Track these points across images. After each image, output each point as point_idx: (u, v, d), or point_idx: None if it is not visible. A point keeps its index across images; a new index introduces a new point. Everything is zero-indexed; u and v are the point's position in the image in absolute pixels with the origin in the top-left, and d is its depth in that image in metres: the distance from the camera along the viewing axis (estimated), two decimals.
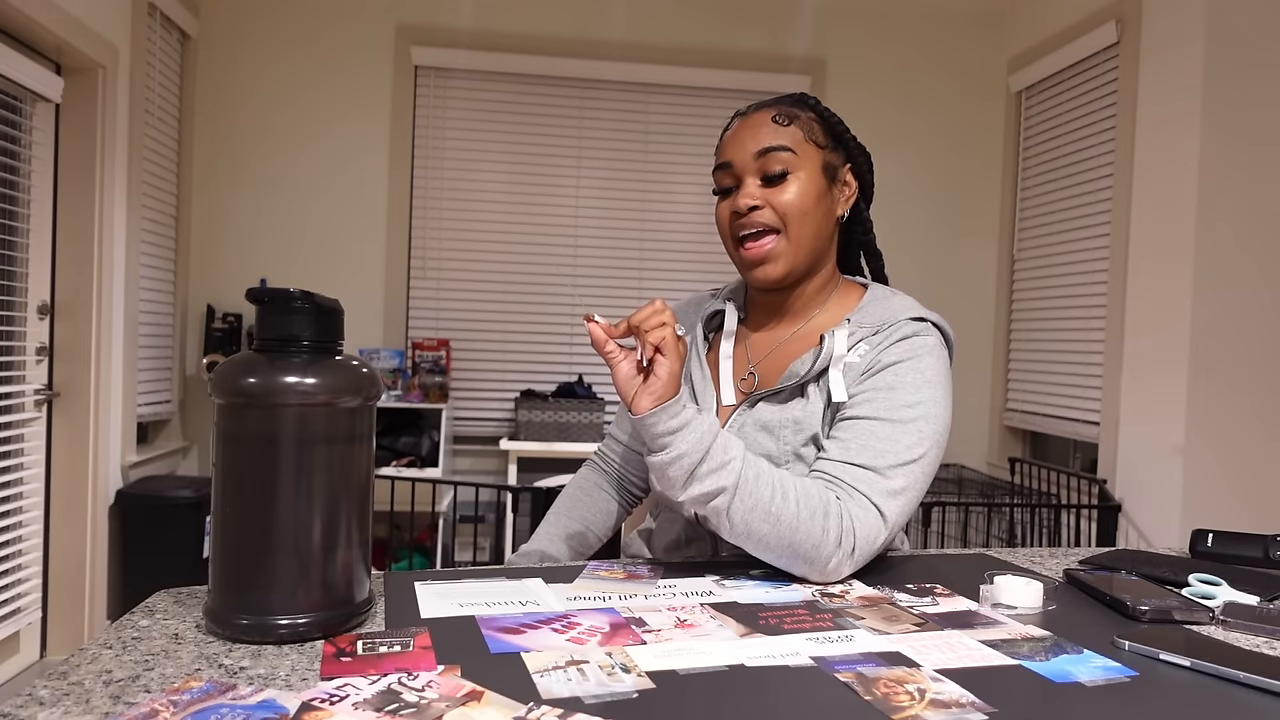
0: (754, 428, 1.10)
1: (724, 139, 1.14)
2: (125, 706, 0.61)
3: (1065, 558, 1.15)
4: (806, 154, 1.10)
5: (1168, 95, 2.92)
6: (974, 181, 4.01)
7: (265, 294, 0.77)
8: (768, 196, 1.09)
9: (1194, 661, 0.73)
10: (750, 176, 1.10)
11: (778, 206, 1.08)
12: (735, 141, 1.11)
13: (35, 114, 2.73)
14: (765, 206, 1.09)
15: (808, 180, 1.09)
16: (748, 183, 1.10)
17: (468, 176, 3.78)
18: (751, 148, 1.09)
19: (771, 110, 1.12)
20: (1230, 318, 2.78)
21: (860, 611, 0.87)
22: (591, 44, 3.78)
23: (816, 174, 1.10)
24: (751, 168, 1.10)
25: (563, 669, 0.70)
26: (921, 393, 1.03)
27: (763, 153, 1.08)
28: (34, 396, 2.73)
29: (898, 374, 1.04)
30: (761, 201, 1.09)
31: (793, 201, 1.08)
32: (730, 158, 1.11)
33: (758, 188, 1.09)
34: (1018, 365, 3.82)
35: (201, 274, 3.63)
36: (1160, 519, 2.88)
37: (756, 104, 1.15)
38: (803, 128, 1.11)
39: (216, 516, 0.76)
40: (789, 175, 1.09)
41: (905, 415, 1.02)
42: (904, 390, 1.03)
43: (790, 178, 1.09)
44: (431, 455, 3.43)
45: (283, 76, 3.65)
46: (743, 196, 1.09)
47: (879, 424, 1.02)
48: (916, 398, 1.03)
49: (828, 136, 1.13)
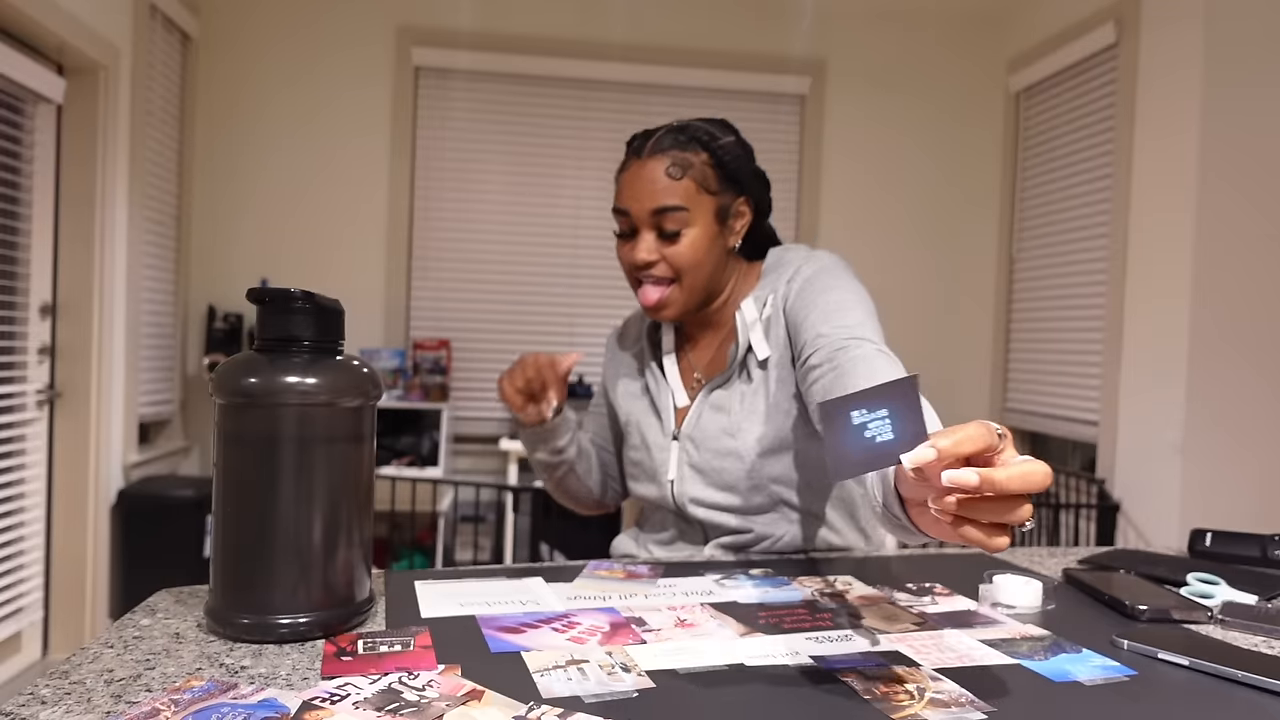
0: (710, 410, 1.18)
1: (620, 180, 1.16)
2: (127, 705, 0.61)
3: (1064, 557, 1.15)
4: (700, 206, 1.13)
5: (1166, 96, 2.92)
6: (973, 182, 4.01)
7: (266, 294, 0.77)
8: (663, 250, 1.13)
9: (1192, 661, 0.73)
10: (646, 229, 1.14)
11: (672, 260, 1.13)
12: (630, 191, 1.13)
13: (37, 114, 2.73)
14: (660, 260, 1.14)
15: (700, 234, 1.13)
16: (644, 236, 1.14)
17: (468, 177, 3.79)
18: (647, 204, 1.12)
19: (665, 160, 1.12)
20: (1229, 318, 2.78)
21: (860, 611, 0.87)
22: (591, 45, 3.78)
23: (709, 223, 1.14)
24: (647, 222, 1.13)
25: (563, 668, 0.70)
26: (840, 280, 1.11)
27: (657, 211, 1.12)
28: (35, 396, 2.73)
29: (811, 283, 1.12)
30: (657, 256, 1.13)
31: (685, 255, 1.13)
32: (626, 207, 1.14)
33: (654, 240, 1.14)
34: (1017, 364, 3.82)
35: (202, 274, 3.63)
36: (1159, 518, 2.88)
37: (654, 140, 1.13)
38: (696, 177, 1.12)
39: (217, 516, 0.77)
40: (682, 233, 1.12)
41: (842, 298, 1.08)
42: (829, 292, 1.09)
43: (684, 234, 1.13)
44: (432, 455, 3.44)
45: (283, 77, 3.66)
46: (639, 251, 1.14)
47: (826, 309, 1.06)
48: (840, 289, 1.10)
49: (721, 181, 1.14)
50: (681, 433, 1.19)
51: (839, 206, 3.93)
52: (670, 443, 1.20)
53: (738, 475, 1.14)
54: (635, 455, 1.25)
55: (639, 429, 1.25)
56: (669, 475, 1.20)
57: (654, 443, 1.22)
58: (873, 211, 3.96)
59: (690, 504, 1.17)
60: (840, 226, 3.93)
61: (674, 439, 1.20)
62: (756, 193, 1.18)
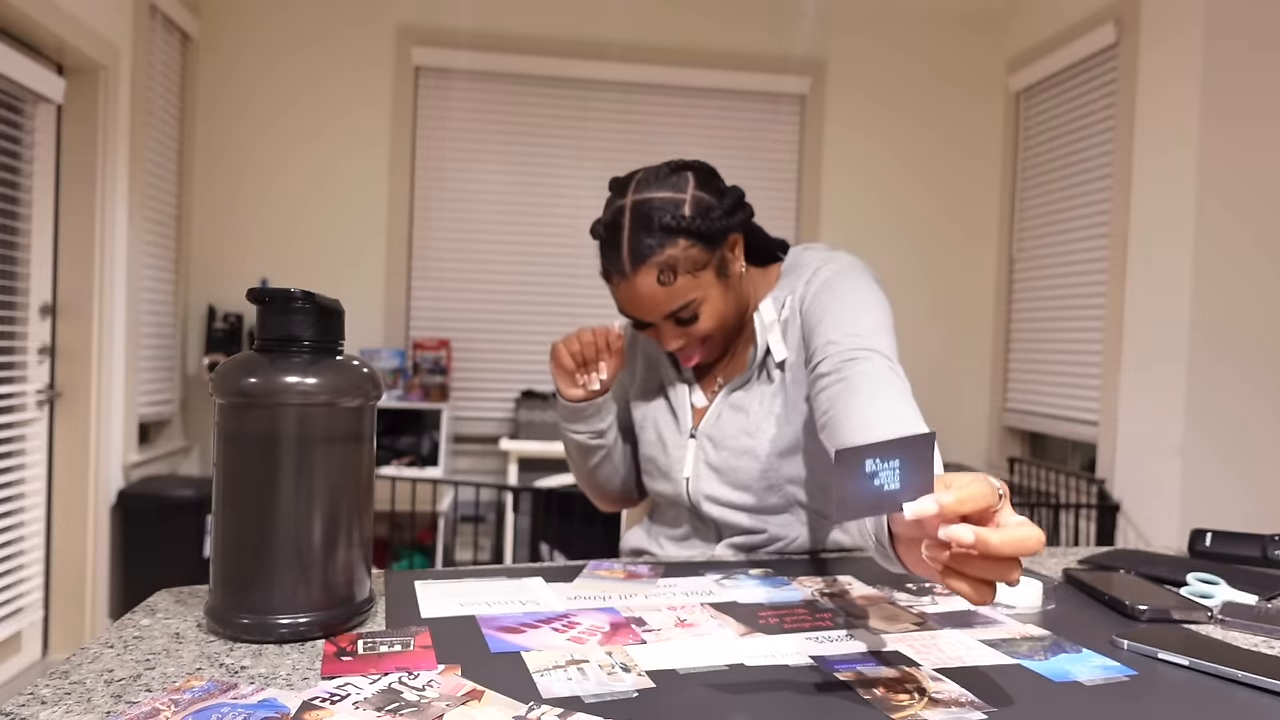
0: (729, 410, 1.18)
1: (616, 295, 1.12)
2: (127, 705, 0.61)
3: (1064, 557, 1.15)
4: (701, 283, 1.09)
5: (1166, 95, 2.92)
6: (973, 182, 4.01)
7: (266, 294, 0.77)
8: (686, 332, 1.12)
9: (1192, 661, 0.73)
10: (663, 323, 1.12)
11: (697, 334, 1.12)
12: (634, 307, 1.11)
13: (37, 115, 2.73)
14: (686, 338, 1.13)
15: (714, 300, 1.11)
16: (663, 328, 1.12)
17: (468, 176, 3.79)
18: (654, 315, 1.10)
19: (651, 271, 1.06)
20: (1229, 318, 2.78)
21: (860, 611, 0.87)
22: (591, 45, 3.78)
23: (715, 286, 1.10)
24: (661, 320, 1.11)
25: (563, 668, 0.70)
26: (857, 284, 1.09)
27: (667, 317, 1.10)
28: (36, 396, 2.73)
29: (828, 286, 1.10)
30: (683, 338, 1.13)
31: (709, 325, 1.11)
32: (635, 316, 1.12)
33: (674, 328, 1.12)
34: (1017, 365, 3.82)
35: (202, 274, 3.63)
36: (1159, 518, 2.88)
37: (630, 253, 1.06)
38: (685, 266, 1.07)
39: (217, 516, 0.77)
40: (698, 314, 1.10)
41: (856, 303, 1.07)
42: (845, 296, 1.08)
43: (700, 312, 1.10)
44: (432, 455, 3.44)
45: (283, 77, 3.66)
46: (667, 341, 1.13)
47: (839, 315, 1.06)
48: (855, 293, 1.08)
49: (706, 249, 1.08)
50: (699, 431, 1.20)
51: (839, 206, 3.93)
52: (687, 440, 1.21)
53: (753, 475, 1.14)
54: (650, 451, 1.25)
55: (655, 425, 1.25)
56: (685, 472, 1.20)
57: (670, 440, 1.23)
58: (873, 211, 3.96)
59: (705, 501, 1.18)
60: (840, 226, 3.93)
61: (691, 437, 1.21)
62: (737, 224, 1.11)
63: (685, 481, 1.20)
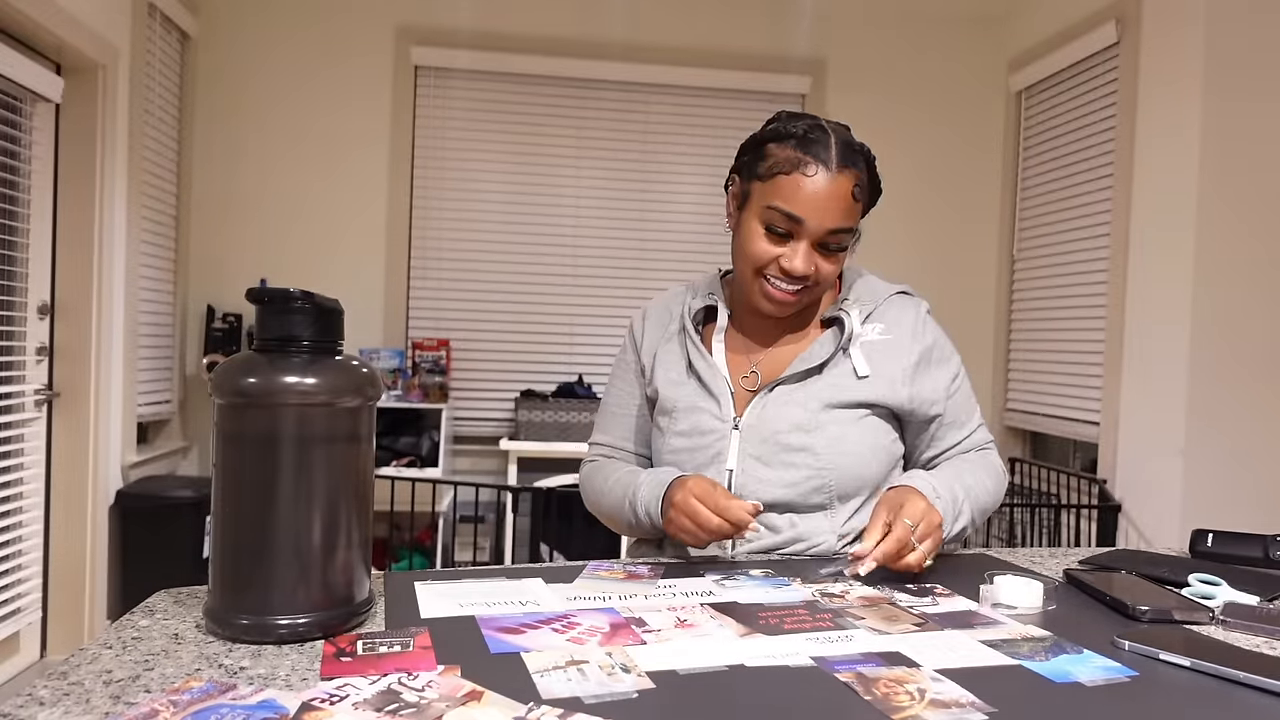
0: (782, 404, 1.16)
1: (799, 183, 1.09)
2: (125, 706, 0.61)
3: (1065, 558, 1.15)
4: (858, 224, 1.15)
5: (1167, 95, 2.92)
6: (974, 181, 4.00)
7: (265, 294, 0.77)
8: (817, 263, 1.13)
9: (1194, 661, 0.73)
10: (809, 241, 1.11)
11: (820, 275, 1.14)
12: (814, 203, 1.09)
13: (35, 114, 2.73)
14: (813, 273, 1.13)
15: (844, 256, 1.16)
16: (805, 248, 1.12)
17: (468, 176, 3.78)
18: (828, 222, 1.10)
19: (852, 178, 1.11)
20: (1230, 318, 2.78)
21: (860, 611, 0.87)
22: (591, 44, 3.78)
23: (851, 240, 1.15)
24: (817, 236, 1.11)
25: (563, 669, 0.70)
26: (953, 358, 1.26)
27: (834, 231, 1.11)
28: (34, 396, 2.73)
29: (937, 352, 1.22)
30: (811, 269, 1.13)
31: (833, 272, 1.15)
32: (804, 216, 1.10)
33: (813, 252, 1.12)
34: (1018, 365, 3.82)
35: (201, 274, 3.63)
36: (1160, 519, 2.88)
37: (839, 151, 1.10)
38: (863, 199, 1.14)
39: (217, 516, 0.76)
40: (844, 249, 1.14)
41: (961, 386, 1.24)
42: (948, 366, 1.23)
43: (841, 253, 1.15)
44: (431, 455, 3.43)
45: (282, 76, 3.65)
46: (799, 262, 1.11)
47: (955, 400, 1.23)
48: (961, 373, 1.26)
49: (868, 201, 1.17)
50: (743, 422, 1.16)
51: None
52: (730, 430, 1.17)
53: (804, 472, 1.12)
54: (680, 442, 1.19)
55: (688, 414, 1.19)
56: (728, 464, 1.15)
57: (709, 428, 1.17)
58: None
59: (749, 496, 1.13)
60: None
61: (734, 428, 1.16)
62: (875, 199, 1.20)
63: (729, 474, 1.15)
